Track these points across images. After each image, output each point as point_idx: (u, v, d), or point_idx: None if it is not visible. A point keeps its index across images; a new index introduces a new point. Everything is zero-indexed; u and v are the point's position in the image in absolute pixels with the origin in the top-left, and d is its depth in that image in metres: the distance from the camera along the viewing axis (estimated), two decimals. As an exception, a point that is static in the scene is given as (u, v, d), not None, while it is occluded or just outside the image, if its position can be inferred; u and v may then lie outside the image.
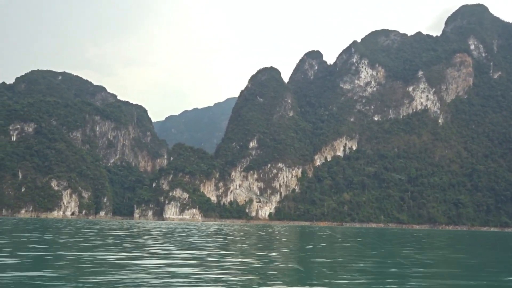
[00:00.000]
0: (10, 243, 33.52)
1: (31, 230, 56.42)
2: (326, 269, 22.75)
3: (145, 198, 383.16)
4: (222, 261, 25.16)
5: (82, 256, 25.09)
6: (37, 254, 26.04)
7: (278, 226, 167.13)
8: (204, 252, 30.48)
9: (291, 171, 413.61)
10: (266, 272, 21.10)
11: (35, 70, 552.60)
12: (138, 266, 20.88)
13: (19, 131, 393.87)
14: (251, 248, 37.42)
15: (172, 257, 26.31)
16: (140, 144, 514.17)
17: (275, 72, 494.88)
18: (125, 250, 30.41)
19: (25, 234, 46.10)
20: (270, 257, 29.42)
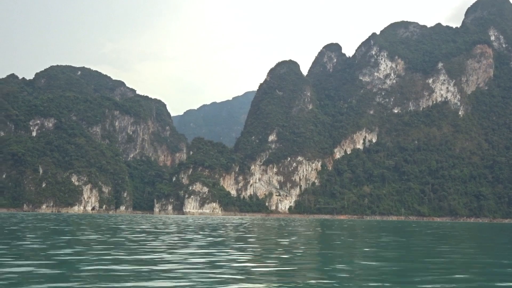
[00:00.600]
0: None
1: (102, 227, 55.21)
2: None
3: (165, 192, 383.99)
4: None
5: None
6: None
7: (305, 220, 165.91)
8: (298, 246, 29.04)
9: (310, 164, 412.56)
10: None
11: (55, 65, 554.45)
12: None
13: (39, 127, 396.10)
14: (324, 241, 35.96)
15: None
16: (159, 138, 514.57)
17: (294, 65, 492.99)
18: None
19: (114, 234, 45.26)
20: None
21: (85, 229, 48.37)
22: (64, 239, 31.92)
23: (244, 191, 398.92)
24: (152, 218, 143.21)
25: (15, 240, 30.48)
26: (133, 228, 52.91)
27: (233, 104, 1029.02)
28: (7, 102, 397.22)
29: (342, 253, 26.36)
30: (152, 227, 56.08)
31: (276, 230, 56.61)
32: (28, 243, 27.69)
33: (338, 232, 56.32)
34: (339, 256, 24.35)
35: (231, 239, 37.03)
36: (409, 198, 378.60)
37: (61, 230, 44.40)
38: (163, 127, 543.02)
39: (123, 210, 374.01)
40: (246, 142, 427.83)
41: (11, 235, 35.81)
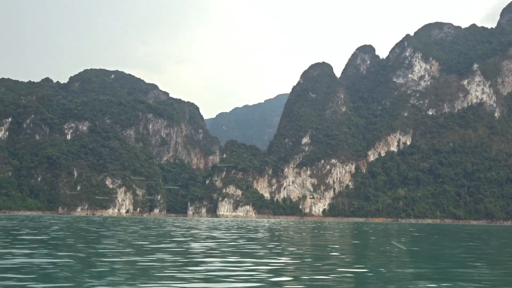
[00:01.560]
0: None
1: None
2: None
3: (198, 195, 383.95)
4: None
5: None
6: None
7: (342, 223, 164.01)
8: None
9: (344, 167, 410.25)
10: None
11: (88, 69, 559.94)
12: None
13: (73, 130, 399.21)
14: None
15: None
16: (192, 141, 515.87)
17: (327, 67, 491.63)
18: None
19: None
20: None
21: (175, 234, 46.32)
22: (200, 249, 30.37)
23: (277, 194, 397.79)
24: (196, 221, 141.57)
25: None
26: (209, 233, 51.05)
27: (265, 107, 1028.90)
28: (42, 106, 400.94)
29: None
30: (234, 231, 54.29)
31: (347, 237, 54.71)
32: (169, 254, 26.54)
33: (419, 235, 54.38)
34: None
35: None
36: (444, 201, 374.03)
37: (165, 234, 43.36)
38: (196, 130, 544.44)
39: (157, 213, 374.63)
40: (280, 144, 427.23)
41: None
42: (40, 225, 61.52)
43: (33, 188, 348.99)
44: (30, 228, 50.57)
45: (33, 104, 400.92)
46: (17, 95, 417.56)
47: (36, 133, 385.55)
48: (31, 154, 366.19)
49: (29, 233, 40.14)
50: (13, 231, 42.72)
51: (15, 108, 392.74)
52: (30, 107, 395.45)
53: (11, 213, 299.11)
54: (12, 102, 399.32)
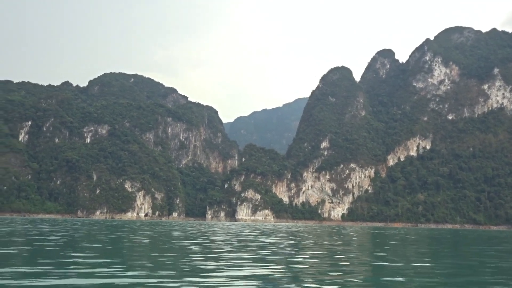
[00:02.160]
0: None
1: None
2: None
3: (217, 199, 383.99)
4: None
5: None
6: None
7: (361, 228, 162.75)
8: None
9: (363, 171, 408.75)
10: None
11: (108, 72, 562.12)
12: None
13: (93, 133, 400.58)
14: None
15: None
16: (211, 145, 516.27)
17: (346, 71, 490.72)
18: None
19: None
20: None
21: (231, 240, 45.50)
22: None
23: (296, 198, 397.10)
24: (218, 225, 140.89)
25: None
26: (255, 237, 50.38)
27: (283, 111, 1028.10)
28: (61, 109, 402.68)
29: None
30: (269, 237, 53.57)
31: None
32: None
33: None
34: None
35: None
36: (464, 206, 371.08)
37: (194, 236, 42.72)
38: (215, 134, 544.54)
39: (176, 216, 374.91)
40: (299, 149, 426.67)
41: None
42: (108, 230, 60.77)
43: (52, 191, 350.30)
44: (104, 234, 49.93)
45: (53, 107, 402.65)
46: (37, 99, 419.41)
47: (56, 136, 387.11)
48: (51, 158, 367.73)
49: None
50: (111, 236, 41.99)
51: (35, 112, 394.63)
52: (50, 111, 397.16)
53: (31, 216, 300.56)
54: (32, 106, 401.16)
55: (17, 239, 36.11)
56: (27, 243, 32.97)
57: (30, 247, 29.40)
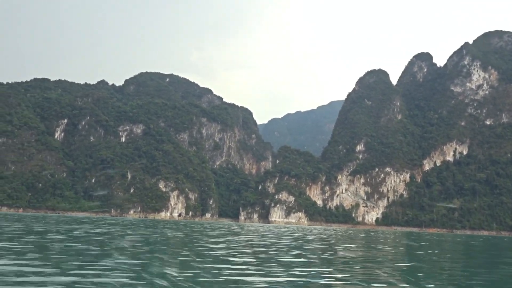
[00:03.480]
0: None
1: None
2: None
3: (250, 200, 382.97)
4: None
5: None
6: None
7: (397, 232, 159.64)
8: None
9: (399, 175, 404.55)
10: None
11: (144, 72, 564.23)
12: None
13: (128, 133, 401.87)
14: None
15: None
16: (245, 146, 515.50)
17: (383, 74, 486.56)
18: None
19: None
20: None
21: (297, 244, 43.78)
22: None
23: (330, 201, 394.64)
24: (261, 227, 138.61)
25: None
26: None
27: (317, 113, 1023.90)
28: (97, 108, 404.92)
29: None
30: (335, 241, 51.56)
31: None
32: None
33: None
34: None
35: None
36: (501, 213, 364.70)
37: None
38: (249, 135, 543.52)
39: (209, 217, 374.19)
40: (333, 151, 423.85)
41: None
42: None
43: (87, 189, 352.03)
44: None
45: (88, 106, 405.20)
46: (73, 97, 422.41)
47: (91, 135, 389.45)
48: (86, 156, 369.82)
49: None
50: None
51: (71, 110, 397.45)
52: (85, 109, 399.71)
53: (65, 214, 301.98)
54: (68, 104, 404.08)
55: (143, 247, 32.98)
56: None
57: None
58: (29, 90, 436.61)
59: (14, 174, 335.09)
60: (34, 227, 51.14)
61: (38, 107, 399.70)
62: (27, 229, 45.65)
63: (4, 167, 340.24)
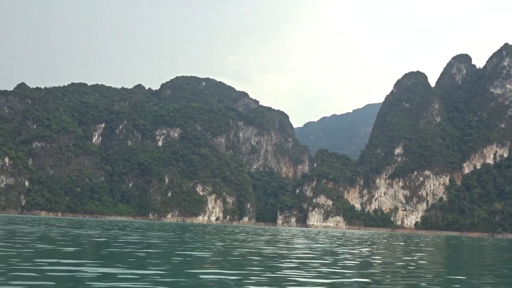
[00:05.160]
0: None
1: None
2: None
3: (288, 204, 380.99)
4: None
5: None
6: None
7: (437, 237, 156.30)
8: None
9: (438, 179, 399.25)
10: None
11: (180, 76, 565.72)
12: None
13: (165, 136, 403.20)
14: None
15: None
16: (282, 150, 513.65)
17: (421, 76, 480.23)
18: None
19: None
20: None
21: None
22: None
23: (368, 205, 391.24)
24: (305, 232, 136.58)
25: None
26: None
27: (353, 117, 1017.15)
28: (134, 112, 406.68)
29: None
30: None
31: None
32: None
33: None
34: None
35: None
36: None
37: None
38: (286, 139, 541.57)
39: (246, 221, 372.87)
40: (371, 154, 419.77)
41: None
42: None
43: (124, 193, 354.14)
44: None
45: (126, 110, 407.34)
46: (111, 101, 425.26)
47: (128, 139, 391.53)
48: (123, 160, 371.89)
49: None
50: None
51: (108, 114, 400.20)
52: (123, 113, 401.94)
53: (103, 218, 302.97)
54: (105, 108, 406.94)
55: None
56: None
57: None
58: (66, 94, 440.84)
59: (53, 178, 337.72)
60: (129, 235, 50.17)
61: (76, 112, 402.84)
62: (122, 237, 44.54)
63: (43, 171, 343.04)
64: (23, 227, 57.03)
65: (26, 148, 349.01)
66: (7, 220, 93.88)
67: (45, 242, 33.16)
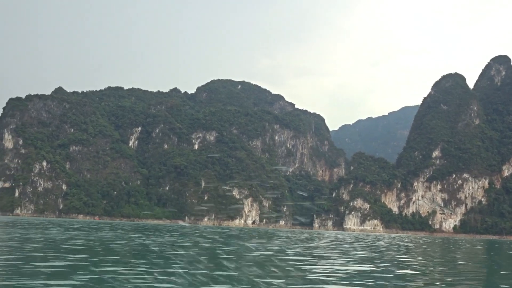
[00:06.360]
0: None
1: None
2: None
3: (324, 207, 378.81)
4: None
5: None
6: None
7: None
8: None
9: (477, 181, 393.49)
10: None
11: (216, 79, 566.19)
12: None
13: (201, 140, 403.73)
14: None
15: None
16: (317, 153, 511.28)
17: (459, 78, 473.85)
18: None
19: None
20: None
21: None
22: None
23: (406, 208, 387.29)
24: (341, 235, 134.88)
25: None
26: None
27: (389, 119, 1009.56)
28: (170, 116, 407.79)
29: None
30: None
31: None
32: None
33: None
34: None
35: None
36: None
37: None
38: (322, 142, 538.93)
39: (282, 224, 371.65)
40: (409, 157, 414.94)
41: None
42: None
43: (161, 197, 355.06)
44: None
45: (162, 113, 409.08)
46: (147, 105, 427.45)
47: (165, 142, 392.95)
48: (159, 163, 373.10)
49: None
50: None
51: (144, 118, 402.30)
52: (159, 117, 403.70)
53: (140, 221, 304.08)
54: (142, 112, 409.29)
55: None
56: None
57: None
58: (103, 98, 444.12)
59: (90, 182, 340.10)
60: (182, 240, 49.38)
61: (112, 115, 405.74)
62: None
63: (80, 175, 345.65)
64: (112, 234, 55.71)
65: (63, 152, 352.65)
66: (70, 226, 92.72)
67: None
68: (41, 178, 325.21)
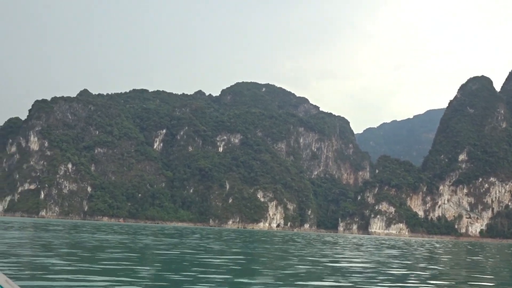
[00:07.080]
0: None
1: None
2: None
3: (349, 211, 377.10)
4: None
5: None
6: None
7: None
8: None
9: (504, 185, 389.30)
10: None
11: (240, 82, 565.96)
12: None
13: (225, 142, 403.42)
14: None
15: None
16: (342, 156, 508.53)
17: (486, 81, 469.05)
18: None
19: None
20: None
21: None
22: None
23: (432, 212, 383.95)
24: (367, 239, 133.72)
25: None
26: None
27: (414, 123, 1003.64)
28: (195, 118, 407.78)
29: None
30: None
31: None
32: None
33: None
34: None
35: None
36: None
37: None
38: (346, 145, 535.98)
39: (307, 228, 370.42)
40: (435, 161, 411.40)
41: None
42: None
43: (185, 199, 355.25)
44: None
45: (186, 116, 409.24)
46: (172, 107, 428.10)
47: (189, 144, 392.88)
48: (184, 166, 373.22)
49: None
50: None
51: (169, 120, 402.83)
52: (184, 119, 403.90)
53: (164, 224, 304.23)
54: (166, 114, 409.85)
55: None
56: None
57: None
58: (128, 101, 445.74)
59: (115, 184, 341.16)
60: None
61: (137, 118, 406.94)
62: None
63: (105, 177, 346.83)
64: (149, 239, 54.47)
65: (88, 154, 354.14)
66: (119, 230, 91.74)
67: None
68: (66, 180, 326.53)
